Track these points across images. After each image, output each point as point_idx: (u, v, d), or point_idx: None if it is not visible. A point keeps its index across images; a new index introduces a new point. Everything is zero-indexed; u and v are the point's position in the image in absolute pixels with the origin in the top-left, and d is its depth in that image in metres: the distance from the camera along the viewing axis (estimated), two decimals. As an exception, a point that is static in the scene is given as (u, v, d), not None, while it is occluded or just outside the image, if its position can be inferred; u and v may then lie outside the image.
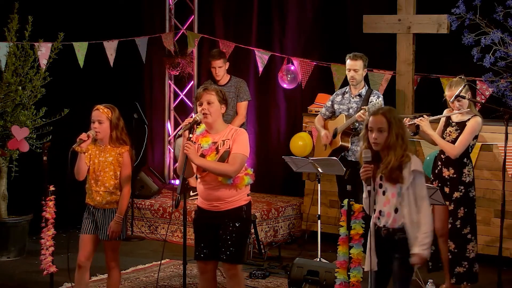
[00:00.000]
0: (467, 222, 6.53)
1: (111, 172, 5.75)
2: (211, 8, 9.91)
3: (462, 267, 6.52)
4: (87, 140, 5.68)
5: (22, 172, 7.96)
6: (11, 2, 7.67)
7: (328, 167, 7.25)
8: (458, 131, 6.50)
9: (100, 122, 5.73)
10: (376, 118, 4.83)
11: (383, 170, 4.80)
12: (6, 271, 7.41)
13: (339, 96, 7.69)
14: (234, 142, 5.35)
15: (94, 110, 5.77)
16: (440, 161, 6.63)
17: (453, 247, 6.54)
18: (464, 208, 6.51)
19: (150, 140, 10.11)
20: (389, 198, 4.82)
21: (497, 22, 7.40)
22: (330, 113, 7.74)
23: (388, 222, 4.81)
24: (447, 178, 6.55)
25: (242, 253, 5.47)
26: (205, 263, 5.51)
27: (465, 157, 6.52)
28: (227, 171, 5.30)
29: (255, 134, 9.63)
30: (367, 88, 7.56)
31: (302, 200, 8.90)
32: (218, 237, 5.39)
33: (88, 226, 5.78)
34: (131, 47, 9.18)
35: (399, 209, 4.79)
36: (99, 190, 5.74)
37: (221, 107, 5.43)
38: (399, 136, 4.81)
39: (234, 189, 5.37)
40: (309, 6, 9.23)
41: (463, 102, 6.48)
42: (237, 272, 5.45)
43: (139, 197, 9.08)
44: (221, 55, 8.53)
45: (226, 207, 5.38)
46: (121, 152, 5.77)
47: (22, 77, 7.71)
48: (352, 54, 7.49)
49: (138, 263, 7.62)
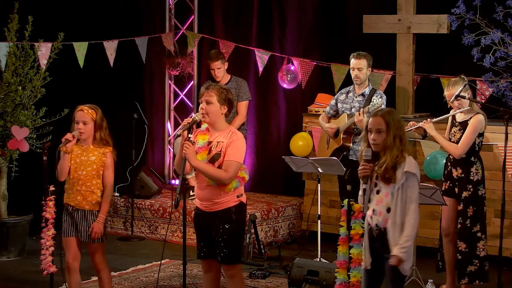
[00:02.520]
0: (476, 221, 6.51)
1: (94, 171, 5.71)
2: (211, 8, 9.91)
3: (474, 266, 6.50)
4: (72, 140, 5.67)
5: (22, 172, 7.96)
6: (11, 2, 7.67)
7: (328, 167, 7.25)
8: (462, 131, 6.50)
9: (85, 123, 5.70)
10: (375, 120, 4.89)
11: (378, 169, 4.84)
12: (6, 271, 7.41)
13: (343, 95, 7.68)
14: (229, 146, 5.31)
15: (78, 111, 5.73)
16: (449, 162, 6.63)
17: (464, 247, 6.51)
18: (473, 207, 6.50)
19: (150, 140, 10.11)
20: (382, 197, 4.86)
21: (497, 22, 7.40)
22: (334, 111, 7.74)
23: (379, 221, 4.84)
24: (456, 178, 6.56)
25: (237, 254, 5.46)
26: (207, 261, 5.52)
27: (472, 156, 6.51)
28: (221, 177, 5.28)
29: (255, 134, 9.63)
30: (370, 87, 7.56)
31: (302, 200, 8.90)
32: (212, 238, 5.40)
33: (69, 229, 5.75)
34: (131, 47, 9.18)
35: (391, 209, 4.82)
36: (80, 190, 5.70)
37: (222, 107, 5.39)
38: (397, 137, 4.85)
39: (221, 191, 5.35)
40: (309, 6, 9.23)
41: (463, 101, 6.48)
42: (235, 273, 5.45)
43: (139, 197, 9.07)
44: (219, 56, 8.44)
45: (215, 208, 5.37)
46: (104, 152, 5.75)
47: (22, 77, 7.71)
48: (356, 53, 7.48)
49: (138, 263, 7.62)
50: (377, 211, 4.85)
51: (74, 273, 5.80)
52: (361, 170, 4.88)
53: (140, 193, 9.13)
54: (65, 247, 5.77)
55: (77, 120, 5.72)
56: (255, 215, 7.96)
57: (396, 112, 5.03)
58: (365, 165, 4.87)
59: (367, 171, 4.87)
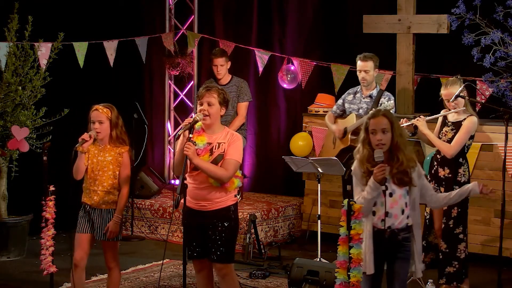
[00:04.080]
0: (459, 222, 6.54)
1: (110, 171, 5.74)
2: (211, 8, 9.91)
3: (453, 267, 6.53)
4: (89, 140, 5.68)
5: (22, 172, 7.96)
6: (11, 2, 7.67)
7: (328, 167, 7.25)
8: (454, 131, 6.51)
9: (101, 122, 5.72)
10: (378, 120, 4.86)
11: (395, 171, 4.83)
12: (6, 271, 7.41)
13: (351, 95, 7.68)
14: (229, 146, 5.35)
15: (93, 111, 5.75)
16: (436, 161, 6.64)
17: (445, 247, 6.55)
18: (458, 208, 6.52)
19: (150, 140, 10.12)
20: (396, 199, 4.87)
21: (497, 22, 7.40)
22: (341, 111, 7.75)
23: (395, 223, 4.87)
24: (442, 178, 6.56)
25: (232, 253, 5.48)
26: (200, 261, 5.54)
27: (461, 157, 6.52)
28: (222, 176, 5.31)
29: (255, 134, 9.63)
30: (378, 89, 7.55)
31: (302, 200, 8.90)
32: (207, 237, 5.40)
33: (84, 225, 5.78)
34: (131, 47, 9.18)
35: (405, 211, 4.88)
36: (97, 190, 5.74)
37: (221, 109, 5.42)
38: (402, 135, 4.87)
39: (223, 191, 5.38)
40: (309, 6, 9.23)
41: (459, 101, 6.49)
42: (229, 271, 5.46)
43: (139, 197, 9.08)
44: (223, 53, 8.55)
45: (213, 207, 5.39)
46: (120, 152, 5.77)
47: (22, 77, 7.71)
48: (362, 55, 7.48)
49: (138, 263, 7.62)
50: (392, 214, 4.87)
51: (81, 272, 5.81)
52: (379, 172, 4.77)
53: (140, 193, 9.13)
54: (76, 244, 5.79)
55: (93, 120, 5.73)
56: (255, 215, 7.96)
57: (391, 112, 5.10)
58: (382, 166, 4.77)
59: (384, 173, 4.78)
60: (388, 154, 4.87)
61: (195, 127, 5.38)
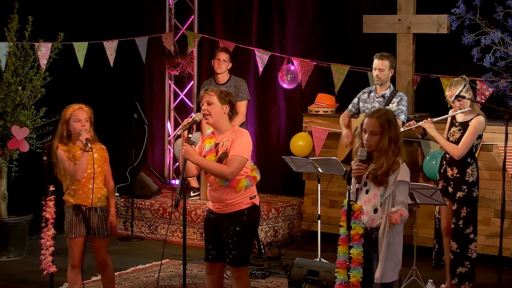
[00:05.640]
0: (469, 222, 6.53)
1: (99, 168, 5.80)
2: (211, 8, 9.91)
3: (464, 267, 6.52)
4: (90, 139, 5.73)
5: (22, 172, 7.96)
6: (11, 2, 7.67)
7: (328, 167, 7.25)
8: (461, 131, 6.51)
9: (87, 120, 5.74)
10: (370, 121, 4.93)
11: (372, 171, 4.88)
12: (6, 271, 7.41)
13: (365, 94, 7.69)
14: (232, 143, 5.34)
15: (77, 109, 5.73)
16: (445, 161, 6.64)
17: (456, 247, 6.54)
18: (467, 208, 6.51)
19: (150, 140, 10.11)
20: (370, 197, 4.93)
21: (497, 22, 7.40)
22: (356, 110, 7.75)
23: (366, 220, 4.91)
24: (451, 177, 6.56)
25: (246, 256, 5.50)
26: (212, 264, 5.55)
27: (469, 157, 6.51)
28: (223, 172, 5.30)
29: (255, 134, 9.63)
30: (392, 89, 7.55)
31: (302, 200, 8.90)
32: (222, 239, 5.43)
33: (78, 229, 5.77)
34: (131, 47, 9.18)
35: (378, 210, 4.90)
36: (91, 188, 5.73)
37: (223, 107, 5.42)
38: (392, 140, 4.90)
39: (232, 191, 5.38)
40: (309, 6, 9.23)
41: (464, 101, 6.48)
42: (242, 275, 5.48)
43: (139, 197, 9.07)
44: (228, 51, 8.65)
45: (227, 210, 5.40)
46: (102, 148, 5.86)
47: (22, 77, 7.71)
48: (379, 54, 7.49)
49: (138, 263, 7.61)
50: (364, 211, 4.91)
51: (78, 272, 5.82)
52: (356, 170, 4.91)
53: (140, 193, 9.12)
54: (73, 248, 5.78)
55: (79, 118, 5.71)
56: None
57: (393, 113, 5.06)
58: (359, 165, 4.89)
59: (361, 172, 4.90)
60: (372, 155, 4.92)
61: (201, 127, 5.41)
